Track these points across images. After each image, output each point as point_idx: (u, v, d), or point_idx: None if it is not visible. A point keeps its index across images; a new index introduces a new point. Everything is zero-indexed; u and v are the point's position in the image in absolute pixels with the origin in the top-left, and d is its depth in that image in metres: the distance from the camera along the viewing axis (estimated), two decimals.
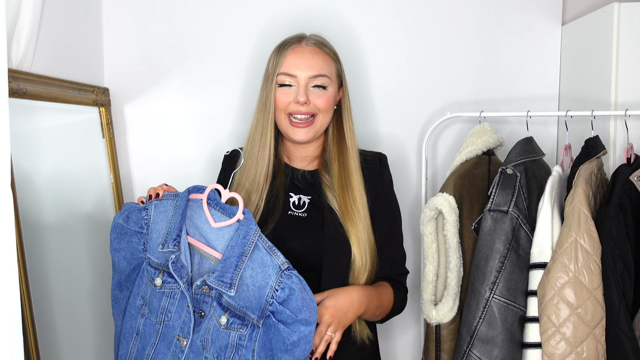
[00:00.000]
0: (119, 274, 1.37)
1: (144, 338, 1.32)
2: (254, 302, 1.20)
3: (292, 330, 1.17)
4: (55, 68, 1.63)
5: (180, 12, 1.97)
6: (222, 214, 1.27)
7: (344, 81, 1.54)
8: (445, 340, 1.59)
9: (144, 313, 1.33)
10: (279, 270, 1.18)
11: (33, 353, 1.31)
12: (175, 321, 1.29)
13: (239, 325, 1.21)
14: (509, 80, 2.01)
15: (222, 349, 1.22)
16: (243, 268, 1.20)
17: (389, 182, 1.55)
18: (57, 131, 1.63)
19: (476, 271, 1.49)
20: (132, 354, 1.34)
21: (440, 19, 2.00)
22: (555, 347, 1.39)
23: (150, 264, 1.33)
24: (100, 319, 1.73)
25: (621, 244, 1.40)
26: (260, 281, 1.19)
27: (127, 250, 1.35)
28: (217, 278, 1.20)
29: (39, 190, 1.50)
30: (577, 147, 1.62)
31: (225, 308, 1.23)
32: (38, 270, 1.44)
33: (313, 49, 1.47)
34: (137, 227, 1.34)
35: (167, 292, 1.30)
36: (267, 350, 1.20)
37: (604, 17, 1.71)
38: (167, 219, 1.31)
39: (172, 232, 1.28)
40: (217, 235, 1.26)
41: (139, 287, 1.35)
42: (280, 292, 1.18)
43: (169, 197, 1.33)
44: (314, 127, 1.46)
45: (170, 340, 1.29)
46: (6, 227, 0.97)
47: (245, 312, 1.21)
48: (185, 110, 1.99)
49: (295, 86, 1.44)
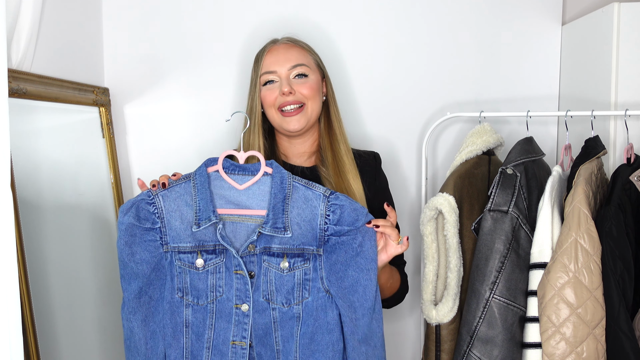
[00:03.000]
0: (139, 279, 1.30)
1: (197, 325, 1.32)
2: (309, 236, 1.29)
3: (355, 235, 1.29)
4: (55, 68, 1.63)
5: (180, 12, 1.97)
6: (244, 175, 1.33)
7: (325, 73, 1.60)
8: (445, 340, 1.59)
9: (188, 302, 1.31)
10: (325, 198, 1.30)
11: (33, 353, 1.31)
12: (227, 293, 1.31)
13: (301, 262, 1.30)
14: (509, 80, 2.01)
15: (290, 292, 1.30)
16: (289, 210, 1.29)
17: (384, 180, 1.62)
18: (57, 131, 1.63)
19: (476, 271, 1.49)
20: (188, 348, 1.32)
21: (441, 19, 2.00)
22: (555, 347, 1.39)
23: (180, 252, 1.30)
24: (101, 319, 1.73)
25: (621, 244, 1.40)
26: (308, 215, 1.30)
27: (143, 251, 1.29)
28: (272, 226, 1.28)
29: (39, 191, 1.50)
30: (577, 147, 1.62)
31: (280, 254, 1.30)
32: (38, 270, 1.43)
33: (286, 45, 1.56)
34: (149, 224, 1.30)
35: (211, 270, 1.31)
36: (336, 272, 1.30)
37: (604, 17, 1.71)
38: (188, 201, 1.30)
39: (204, 208, 1.29)
40: (248, 195, 1.33)
41: (172, 282, 1.31)
42: (332, 215, 1.29)
43: (178, 182, 1.32)
44: (305, 114, 1.51)
45: (229, 313, 1.31)
46: (6, 227, 0.97)
47: (303, 247, 1.30)
48: (185, 110, 1.99)
49: (277, 81, 1.51)
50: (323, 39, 1.93)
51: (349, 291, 1.30)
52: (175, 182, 1.32)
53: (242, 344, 1.31)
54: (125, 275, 1.30)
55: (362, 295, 1.30)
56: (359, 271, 1.29)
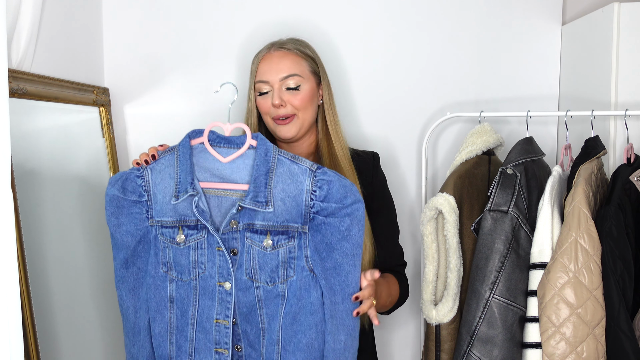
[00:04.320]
0: (124, 250, 1.31)
1: (181, 301, 1.30)
2: (294, 212, 1.24)
3: (342, 218, 1.23)
4: (55, 68, 1.63)
5: (180, 12, 1.97)
6: (229, 148, 1.29)
7: (322, 77, 1.58)
8: (445, 340, 1.59)
9: (172, 278, 1.30)
10: (311, 172, 1.25)
11: (33, 353, 1.31)
12: (210, 270, 1.28)
13: (285, 240, 1.26)
14: (509, 80, 2.01)
15: (274, 270, 1.26)
16: (273, 185, 1.24)
17: (383, 178, 1.61)
18: (57, 131, 1.63)
19: (476, 271, 1.49)
20: (172, 323, 1.31)
21: (441, 19, 2.00)
22: (555, 347, 1.39)
23: (163, 226, 1.30)
24: (101, 319, 1.73)
25: (621, 244, 1.40)
26: (293, 190, 1.25)
27: (129, 223, 1.30)
28: (252, 199, 1.23)
29: (39, 190, 1.50)
30: (577, 147, 1.62)
31: (264, 231, 1.26)
32: (38, 270, 1.43)
33: (280, 53, 1.54)
34: (135, 197, 1.29)
35: (192, 245, 1.28)
36: (319, 252, 1.26)
37: (604, 17, 1.71)
38: (171, 173, 1.29)
39: (183, 180, 1.27)
40: (232, 168, 1.29)
41: (157, 256, 1.31)
42: (318, 191, 1.24)
43: (164, 154, 1.31)
44: (295, 124, 1.52)
45: (212, 290, 1.29)
46: (6, 227, 0.97)
47: (288, 224, 1.25)
48: (185, 110, 1.99)
49: (270, 91, 1.52)
50: (323, 39, 1.92)
51: (330, 273, 1.25)
52: (162, 153, 1.31)
53: (225, 322, 1.29)
54: (113, 245, 1.32)
55: (344, 279, 1.25)
56: (343, 255, 1.24)
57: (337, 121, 1.59)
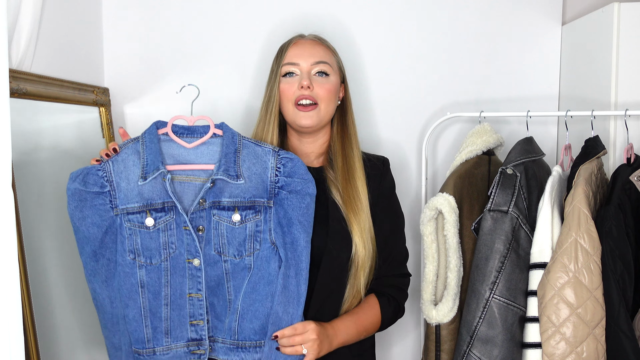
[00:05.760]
0: (91, 242, 1.34)
1: (152, 285, 1.35)
2: (260, 188, 1.35)
3: (303, 195, 1.35)
4: (55, 68, 1.63)
5: (180, 12, 1.97)
6: (192, 138, 1.39)
7: (345, 77, 1.58)
8: (445, 340, 1.59)
9: (140, 264, 1.35)
10: (274, 153, 1.37)
11: (33, 353, 1.31)
12: (180, 248, 1.35)
13: (252, 214, 1.35)
14: (509, 80, 2.01)
15: (242, 244, 1.34)
16: (240, 163, 1.35)
17: (391, 184, 1.57)
18: (57, 131, 1.63)
19: (476, 271, 1.49)
20: (146, 307, 1.35)
21: (441, 19, 2.00)
22: (555, 347, 1.39)
23: (129, 212, 1.33)
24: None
25: (621, 244, 1.40)
26: (259, 169, 1.36)
27: (93, 215, 1.33)
28: (224, 172, 1.32)
29: (39, 191, 1.50)
30: (577, 147, 1.62)
31: (232, 207, 1.34)
32: (38, 270, 1.43)
33: (313, 41, 1.54)
34: (97, 188, 1.33)
35: (162, 228, 1.34)
36: (281, 226, 1.35)
37: (604, 17, 1.71)
38: (135, 160, 1.35)
39: (151, 162, 1.33)
40: (196, 154, 1.38)
41: (123, 245, 1.34)
42: (282, 168, 1.36)
43: (126, 144, 1.37)
44: (318, 113, 1.49)
45: (183, 267, 1.35)
46: (6, 227, 0.97)
47: (254, 200, 1.35)
48: (185, 111, 1.98)
49: (298, 75, 1.50)
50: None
51: (288, 247, 1.35)
52: (123, 144, 1.37)
53: (198, 295, 1.36)
54: (79, 239, 1.35)
55: (299, 255, 1.34)
56: (301, 231, 1.34)
57: (355, 125, 1.58)
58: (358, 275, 1.44)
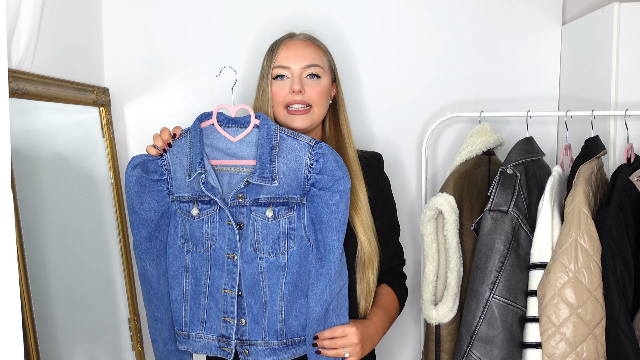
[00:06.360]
0: (148, 225, 1.41)
1: (196, 271, 1.41)
2: (294, 184, 1.36)
3: (332, 192, 1.34)
4: (55, 68, 1.63)
5: (180, 12, 1.97)
6: (237, 128, 1.41)
7: (336, 75, 1.58)
8: (445, 340, 1.59)
9: (188, 249, 1.41)
10: (309, 147, 1.36)
11: (33, 353, 1.31)
12: (220, 242, 1.38)
13: (285, 210, 1.36)
14: (509, 80, 2.01)
15: (276, 241, 1.36)
16: (276, 160, 1.35)
17: (387, 181, 1.61)
18: (57, 131, 1.63)
19: (476, 271, 1.49)
20: (188, 291, 1.42)
21: (441, 19, 2.00)
22: (555, 347, 1.39)
23: (181, 201, 1.40)
24: (101, 319, 1.73)
25: (621, 244, 1.40)
26: (294, 164, 1.36)
27: (152, 200, 1.41)
28: (259, 176, 1.34)
29: (39, 191, 1.50)
30: (577, 147, 1.62)
31: (267, 204, 1.35)
32: (38, 270, 1.44)
33: (304, 42, 1.53)
34: (157, 176, 1.41)
35: (205, 219, 1.38)
36: (314, 223, 1.36)
37: (604, 17, 1.71)
38: (186, 154, 1.40)
39: (194, 160, 1.37)
40: (242, 147, 1.40)
41: (175, 229, 1.42)
42: (315, 164, 1.35)
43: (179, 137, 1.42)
44: (310, 116, 1.49)
45: (222, 262, 1.38)
46: (6, 227, 0.97)
47: (288, 196, 1.36)
48: (185, 110, 1.99)
49: (289, 78, 1.49)
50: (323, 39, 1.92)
51: (320, 245, 1.35)
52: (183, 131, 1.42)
53: (231, 292, 1.37)
54: (134, 221, 1.42)
55: (328, 252, 1.34)
56: (329, 229, 1.34)
57: (349, 123, 1.58)
58: (366, 271, 1.46)
